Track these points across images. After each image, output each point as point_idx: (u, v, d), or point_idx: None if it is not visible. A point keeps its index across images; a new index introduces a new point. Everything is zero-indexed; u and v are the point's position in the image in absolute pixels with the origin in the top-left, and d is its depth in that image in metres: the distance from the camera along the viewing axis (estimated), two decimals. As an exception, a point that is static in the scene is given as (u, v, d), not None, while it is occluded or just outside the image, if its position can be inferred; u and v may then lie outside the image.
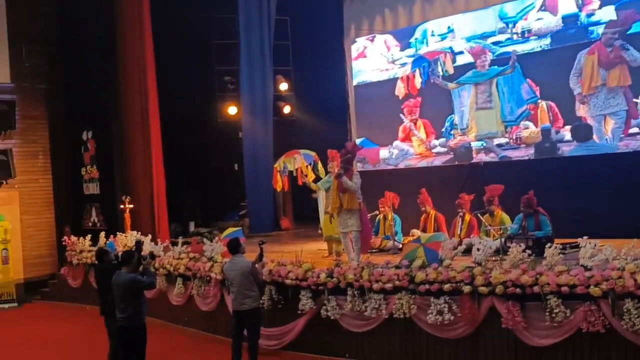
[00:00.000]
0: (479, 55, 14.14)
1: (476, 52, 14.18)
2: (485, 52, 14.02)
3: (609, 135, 12.19)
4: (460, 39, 14.30)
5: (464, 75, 14.44)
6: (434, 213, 12.47)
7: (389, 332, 9.32)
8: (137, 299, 8.51)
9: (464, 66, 14.39)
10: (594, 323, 7.58)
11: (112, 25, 16.03)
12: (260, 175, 16.79)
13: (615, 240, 9.03)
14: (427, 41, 14.95)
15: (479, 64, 14.20)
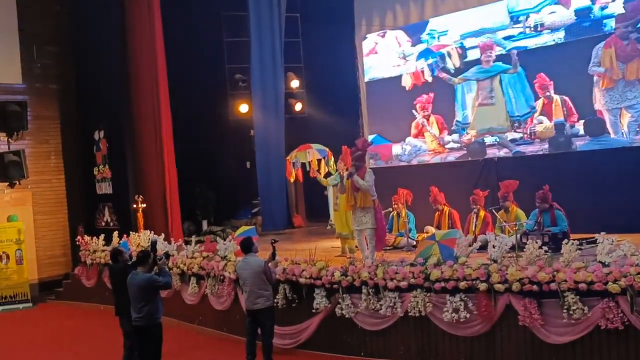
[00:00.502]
0: (485, 51, 14.10)
1: (483, 47, 14.12)
2: (492, 47, 13.97)
3: (624, 129, 12.08)
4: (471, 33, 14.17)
5: (469, 71, 14.42)
6: (447, 209, 12.39)
7: (405, 330, 9.27)
8: (154, 299, 8.51)
9: (471, 62, 14.36)
10: (613, 320, 7.50)
11: (122, 25, 16.03)
12: (272, 173, 16.75)
13: (634, 235, 8.97)
14: (439, 36, 14.85)
15: (484, 59, 14.19)
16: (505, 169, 13.23)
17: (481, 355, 8.69)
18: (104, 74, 16.38)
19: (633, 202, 11.56)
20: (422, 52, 15.20)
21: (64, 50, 17.50)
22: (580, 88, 12.64)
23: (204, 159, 18.19)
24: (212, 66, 17.96)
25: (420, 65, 15.24)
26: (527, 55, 13.38)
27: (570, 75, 12.77)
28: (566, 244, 8.24)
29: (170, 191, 15.75)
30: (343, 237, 12.06)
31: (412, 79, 15.40)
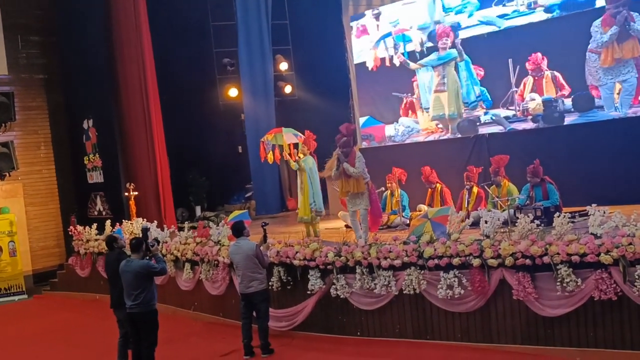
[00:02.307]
0: (441, 37, 14.31)
1: (440, 34, 14.34)
2: (449, 34, 14.18)
3: (618, 104, 12.07)
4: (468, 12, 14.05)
5: (427, 57, 14.66)
6: (440, 187, 12.38)
7: (400, 308, 9.29)
8: (149, 285, 8.52)
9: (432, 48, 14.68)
10: (606, 291, 7.52)
11: (108, 12, 15.88)
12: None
13: (624, 207, 8.99)
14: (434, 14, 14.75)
15: (440, 45, 14.39)
16: (496, 145, 13.20)
17: (477, 331, 8.72)
18: (90, 62, 16.27)
19: (624, 173, 11.60)
20: (383, 35, 15.37)
21: (49, 40, 17.41)
22: (572, 63, 12.59)
23: (195, 145, 18.15)
24: (200, 51, 17.87)
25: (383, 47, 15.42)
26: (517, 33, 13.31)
27: (563, 51, 12.73)
28: (558, 217, 8.23)
29: (162, 178, 15.70)
30: (304, 221, 11.98)
31: (373, 61, 15.63)
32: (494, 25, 13.63)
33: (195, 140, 18.16)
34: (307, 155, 11.96)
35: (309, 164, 11.86)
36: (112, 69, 15.99)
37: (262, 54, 17.19)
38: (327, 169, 10.39)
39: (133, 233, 13.18)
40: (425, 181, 12.53)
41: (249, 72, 17.19)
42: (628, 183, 11.45)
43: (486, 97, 13.84)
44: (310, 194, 11.74)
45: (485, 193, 11.47)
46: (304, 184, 11.82)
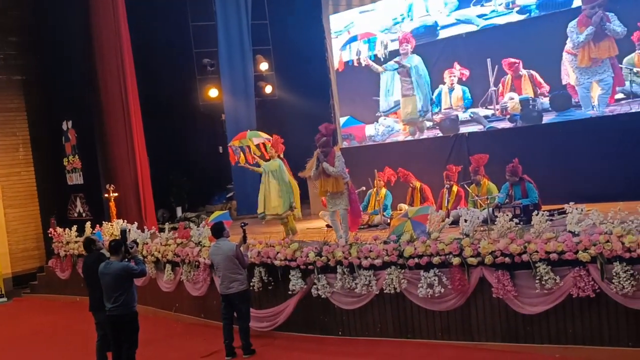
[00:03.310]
0: (402, 43, 14.60)
1: (401, 40, 14.61)
2: (409, 40, 14.52)
3: (595, 103, 12.20)
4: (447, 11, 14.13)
5: (389, 62, 14.93)
6: (419, 185, 12.44)
7: (381, 307, 9.32)
8: (129, 287, 8.47)
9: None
10: (584, 288, 7.59)
11: (87, 13, 15.74)
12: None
13: (602, 204, 9.05)
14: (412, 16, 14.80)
15: (401, 51, 14.66)
16: (476, 144, 13.29)
17: (457, 329, 8.77)
18: (69, 62, 16.17)
19: (601, 171, 11.74)
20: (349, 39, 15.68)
21: (27, 40, 17.21)
22: (549, 63, 12.71)
23: (176, 146, 18.08)
24: (180, 52, 17.80)
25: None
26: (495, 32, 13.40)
27: (540, 50, 12.84)
28: (537, 216, 8.29)
29: (143, 179, 15.61)
30: (281, 220, 11.98)
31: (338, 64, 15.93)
32: (472, 24, 13.72)
33: (176, 141, 18.09)
34: (274, 158, 11.98)
35: (272, 167, 11.87)
36: (91, 70, 15.86)
37: (242, 54, 17.17)
38: (307, 168, 10.41)
39: (113, 235, 13.11)
40: (404, 181, 12.59)
41: (229, 73, 17.16)
42: (605, 181, 11.59)
43: (467, 96, 13.92)
44: (281, 194, 11.72)
45: (465, 192, 11.54)
46: (269, 185, 11.80)
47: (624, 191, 10.78)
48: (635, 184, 11.14)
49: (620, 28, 11.77)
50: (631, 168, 11.47)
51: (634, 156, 11.50)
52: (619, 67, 11.89)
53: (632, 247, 7.29)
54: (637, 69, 11.71)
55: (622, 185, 11.30)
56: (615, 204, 8.00)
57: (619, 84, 11.93)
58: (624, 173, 11.52)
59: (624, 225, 7.50)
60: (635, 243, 7.28)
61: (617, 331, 7.63)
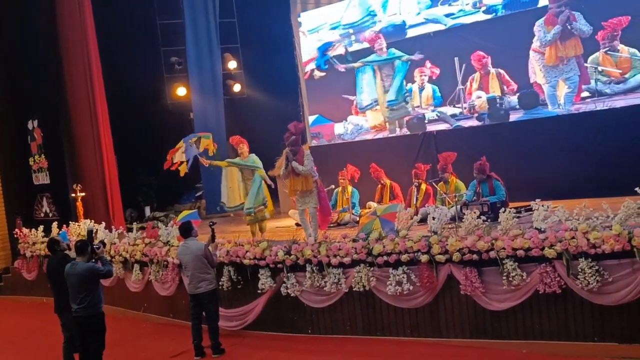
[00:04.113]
0: (375, 41, 14.76)
1: (370, 40, 14.79)
2: (380, 37, 14.63)
3: (561, 101, 12.35)
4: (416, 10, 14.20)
5: (368, 58, 14.98)
6: (389, 183, 12.50)
7: (350, 305, 9.33)
8: (95, 288, 8.36)
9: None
10: (550, 284, 7.66)
11: (52, 10, 15.54)
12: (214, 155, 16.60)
13: (568, 201, 9.17)
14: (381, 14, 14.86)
15: (377, 48, 14.76)
16: (444, 142, 13.40)
17: (426, 326, 8.80)
18: (34, 61, 15.94)
19: (567, 169, 11.91)
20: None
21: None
22: (517, 61, 12.85)
23: (144, 144, 17.89)
24: (147, 49, 17.65)
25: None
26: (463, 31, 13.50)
27: (507, 49, 12.97)
28: (504, 213, 8.36)
29: (110, 178, 15.47)
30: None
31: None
32: (440, 23, 13.81)
33: (144, 140, 17.91)
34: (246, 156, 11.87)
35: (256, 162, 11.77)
36: (56, 68, 15.67)
37: (210, 52, 17.11)
38: (276, 167, 10.38)
39: (80, 235, 12.97)
40: (376, 178, 12.64)
41: (197, 71, 17.09)
42: (571, 178, 11.78)
43: (436, 94, 14.00)
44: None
45: (434, 190, 11.60)
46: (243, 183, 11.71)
47: (590, 188, 10.93)
48: (600, 181, 11.33)
49: (587, 27, 11.93)
50: (596, 165, 11.64)
51: (599, 154, 11.68)
52: (585, 66, 12.05)
53: (597, 243, 7.38)
54: (602, 67, 11.88)
55: (588, 182, 11.47)
56: (580, 201, 8.08)
57: (585, 83, 12.10)
58: (590, 170, 11.68)
59: (589, 222, 7.58)
60: (600, 239, 7.36)
61: (583, 326, 7.72)
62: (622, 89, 11.78)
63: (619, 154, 11.33)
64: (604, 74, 11.91)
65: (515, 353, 8.05)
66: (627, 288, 7.30)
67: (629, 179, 8.08)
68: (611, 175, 11.25)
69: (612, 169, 11.35)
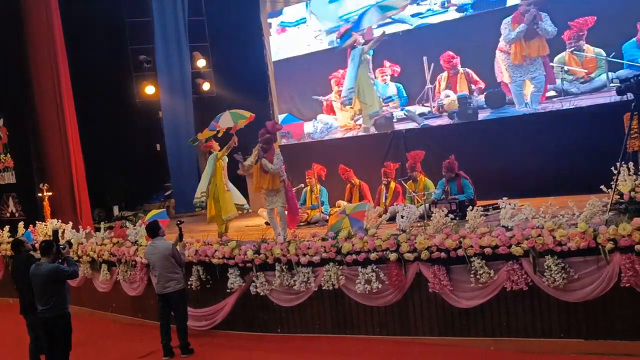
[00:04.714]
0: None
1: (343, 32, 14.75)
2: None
3: (528, 100, 12.48)
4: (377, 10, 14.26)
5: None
6: (358, 182, 12.54)
7: (319, 304, 9.33)
8: (61, 289, 8.25)
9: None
10: (517, 281, 7.72)
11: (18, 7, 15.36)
12: (183, 154, 16.59)
13: (534, 199, 9.28)
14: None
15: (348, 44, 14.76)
16: (413, 141, 13.48)
17: (395, 324, 8.83)
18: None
19: (534, 167, 12.06)
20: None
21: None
22: (485, 60, 12.96)
23: (112, 143, 17.77)
24: (115, 48, 17.49)
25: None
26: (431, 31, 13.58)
27: (476, 48, 13.08)
28: (471, 211, 8.42)
29: (78, 178, 15.34)
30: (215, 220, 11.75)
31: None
32: (406, 23, 13.88)
33: (112, 139, 17.78)
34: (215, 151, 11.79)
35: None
36: (22, 65, 15.48)
37: (179, 50, 17.03)
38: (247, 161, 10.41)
39: (47, 235, 12.81)
40: (345, 178, 12.66)
41: (166, 69, 17.00)
42: (538, 176, 11.91)
43: (402, 93, 14.07)
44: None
45: (403, 188, 11.66)
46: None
47: (556, 186, 11.08)
48: (566, 179, 11.46)
49: (551, 28, 12.08)
50: (562, 164, 11.78)
51: (565, 152, 11.83)
52: (550, 65, 12.19)
53: (563, 240, 7.45)
54: (568, 67, 12.03)
55: (554, 180, 11.61)
56: (547, 199, 8.17)
57: (551, 82, 12.25)
58: (556, 169, 11.83)
59: (555, 220, 7.66)
60: (565, 237, 7.44)
61: (550, 323, 7.80)
62: (587, 88, 11.94)
63: (584, 153, 11.48)
64: (570, 74, 12.07)
65: (483, 350, 8.11)
66: (592, 285, 7.39)
67: (594, 177, 8.16)
68: (577, 173, 11.39)
69: (577, 168, 11.50)
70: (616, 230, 7.14)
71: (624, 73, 11.25)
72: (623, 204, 7.79)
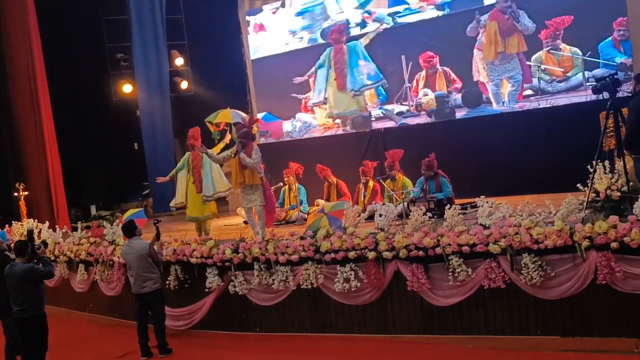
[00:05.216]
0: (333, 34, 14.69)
1: (333, 30, 14.69)
2: (341, 28, 14.56)
3: (505, 99, 12.55)
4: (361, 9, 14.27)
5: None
6: (336, 181, 12.54)
7: (298, 303, 9.31)
8: (36, 289, 8.18)
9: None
10: (495, 279, 7.76)
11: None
12: (160, 153, 16.51)
13: (511, 197, 9.32)
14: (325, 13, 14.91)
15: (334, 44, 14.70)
16: (391, 140, 13.51)
17: (374, 323, 8.84)
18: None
19: (511, 166, 12.11)
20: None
21: None
22: (462, 59, 13.02)
23: (89, 142, 17.63)
24: (92, 46, 17.39)
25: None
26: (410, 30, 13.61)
27: (453, 47, 13.13)
28: (449, 209, 8.45)
29: (54, 177, 15.24)
30: (196, 220, 11.68)
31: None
32: (383, 22, 13.91)
33: (89, 138, 17.64)
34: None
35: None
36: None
37: (156, 49, 16.95)
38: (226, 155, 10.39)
39: (23, 235, 12.68)
40: (323, 177, 12.66)
41: (144, 68, 16.92)
42: (515, 175, 11.97)
43: (380, 91, 14.10)
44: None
45: (381, 187, 11.67)
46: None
47: (533, 184, 11.15)
48: (543, 177, 11.54)
49: (530, 23, 12.18)
50: (539, 162, 11.86)
51: (542, 151, 11.90)
52: (527, 64, 12.27)
53: (540, 238, 7.50)
54: (545, 66, 12.12)
55: (531, 178, 11.68)
56: (524, 197, 8.22)
57: (527, 81, 12.34)
58: (533, 167, 11.89)
59: (532, 218, 7.70)
60: (542, 235, 7.49)
61: (527, 320, 7.84)
62: (564, 87, 12.04)
63: (561, 151, 11.56)
64: (546, 73, 12.15)
65: (462, 348, 8.14)
66: (568, 282, 7.45)
67: (570, 176, 8.22)
68: (554, 172, 11.46)
69: (554, 166, 11.57)
70: (592, 228, 7.20)
71: (599, 72, 11.38)
72: (599, 202, 7.85)
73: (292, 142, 15.47)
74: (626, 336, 7.26)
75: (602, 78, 8.20)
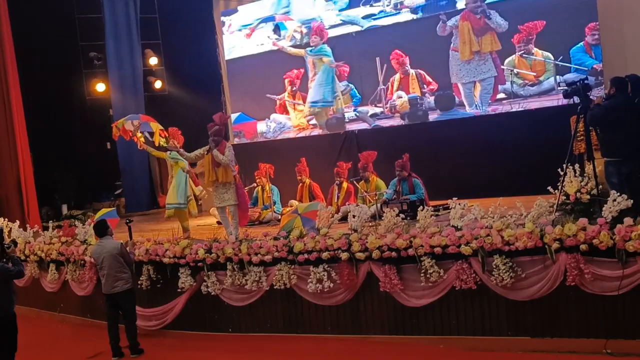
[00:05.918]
0: (315, 34, 14.68)
1: (315, 29, 14.68)
2: (322, 29, 14.54)
3: (478, 101, 12.66)
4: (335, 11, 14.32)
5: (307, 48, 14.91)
6: (308, 182, 12.56)
7: (271, 303, 9.33)
8: (5, 289, 8.07)
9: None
10: (466, 280, 7.83)
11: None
12: (133, 152, 16.36)
13: (483, 200, 9.41)
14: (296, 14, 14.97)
15: (312, 43, 14.74)
16: (365, 141, 13.56)
17: (347, 323, 8.88)
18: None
19: (483, 168, 12.25)
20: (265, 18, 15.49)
21: None
22: (437, 62, 13.12)
23: (61, 142, 17.44)
24: (64, 44, 17.21)
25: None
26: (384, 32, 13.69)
27: (426, 49, 13.22)
28: (422, 211, 8.51)
29: (25, 176, 15.08)
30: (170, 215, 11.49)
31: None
32: (356, 24, 13.98)
33: (61, 137, 17.46)
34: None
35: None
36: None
37: (130, 48, 16.84)
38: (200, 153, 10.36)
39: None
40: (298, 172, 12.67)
41: (117, 67, 16.80)
42: (487, 177, 12.09)
43: (355, 93, 14.16)
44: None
45: (355, 188, 11.71)
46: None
47: (504, 187, 11.26)
48: (514, 180, 11.67)
49: (503, 21, 12.30)
50: (511, 165, 12.00)
51: (513, 154, 12.04)
52: (501, 67, 12.40)
53: (511, 240, 7.59)
54: (518, 70, 12.25)
55: (503, 181, 11.81)
56: (495, 200, 8.31)
57: (502, 82, 12.45)
58: (504, 170, 12.04)
59: (503, 220, 7.78)
60: (513, 237, 7.57)
61: (498, 321, 7.92)
62: (536, 91, 12.18)
63: (532, 154, 11.69)
64: (519, 77, 12.29)
65: (433, 348, 8.20)
66: (539, 284, 7.54)
67: (541, 179, 8.34)
68: (525, 174, 11.61)
69: (526, 169, 11.71)
70: (562, 230, 7.30)
71: (571, 77, 11.51)
72: (569, 205, 7.99)
73: (266, 143, 15.47)
74: (595, 337, 7.35)
75: (573, 83, 8.31)
